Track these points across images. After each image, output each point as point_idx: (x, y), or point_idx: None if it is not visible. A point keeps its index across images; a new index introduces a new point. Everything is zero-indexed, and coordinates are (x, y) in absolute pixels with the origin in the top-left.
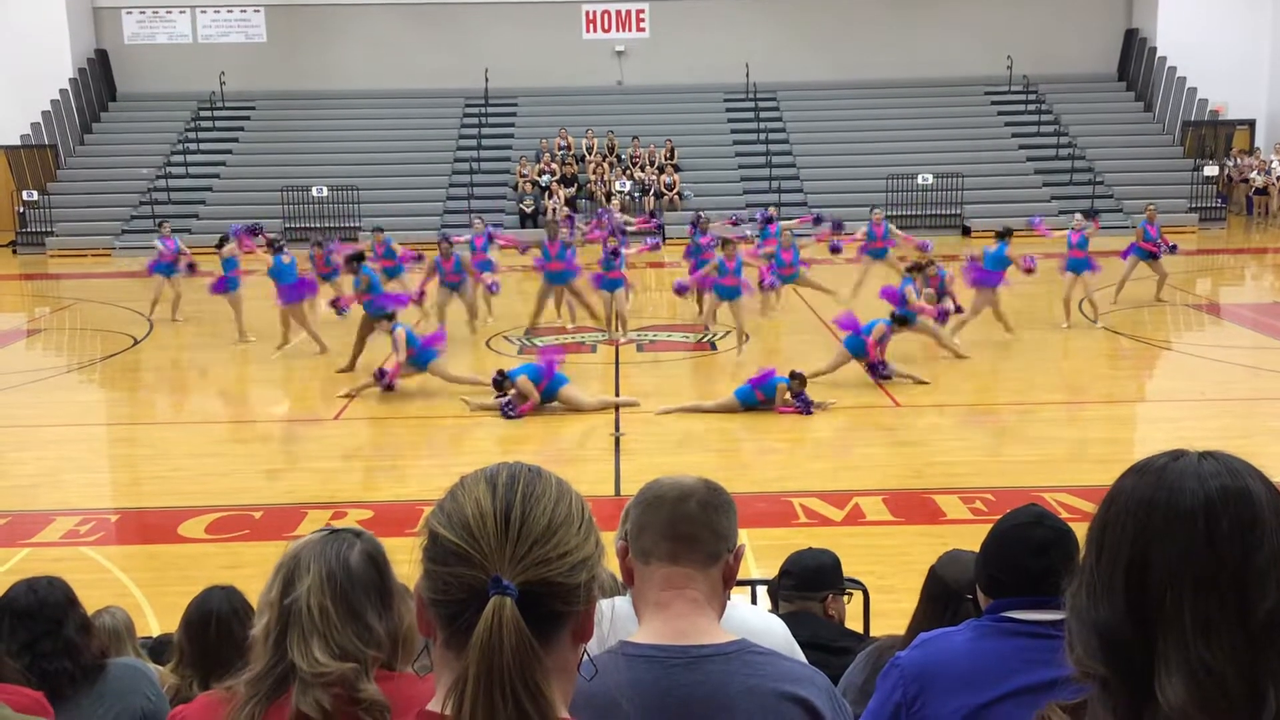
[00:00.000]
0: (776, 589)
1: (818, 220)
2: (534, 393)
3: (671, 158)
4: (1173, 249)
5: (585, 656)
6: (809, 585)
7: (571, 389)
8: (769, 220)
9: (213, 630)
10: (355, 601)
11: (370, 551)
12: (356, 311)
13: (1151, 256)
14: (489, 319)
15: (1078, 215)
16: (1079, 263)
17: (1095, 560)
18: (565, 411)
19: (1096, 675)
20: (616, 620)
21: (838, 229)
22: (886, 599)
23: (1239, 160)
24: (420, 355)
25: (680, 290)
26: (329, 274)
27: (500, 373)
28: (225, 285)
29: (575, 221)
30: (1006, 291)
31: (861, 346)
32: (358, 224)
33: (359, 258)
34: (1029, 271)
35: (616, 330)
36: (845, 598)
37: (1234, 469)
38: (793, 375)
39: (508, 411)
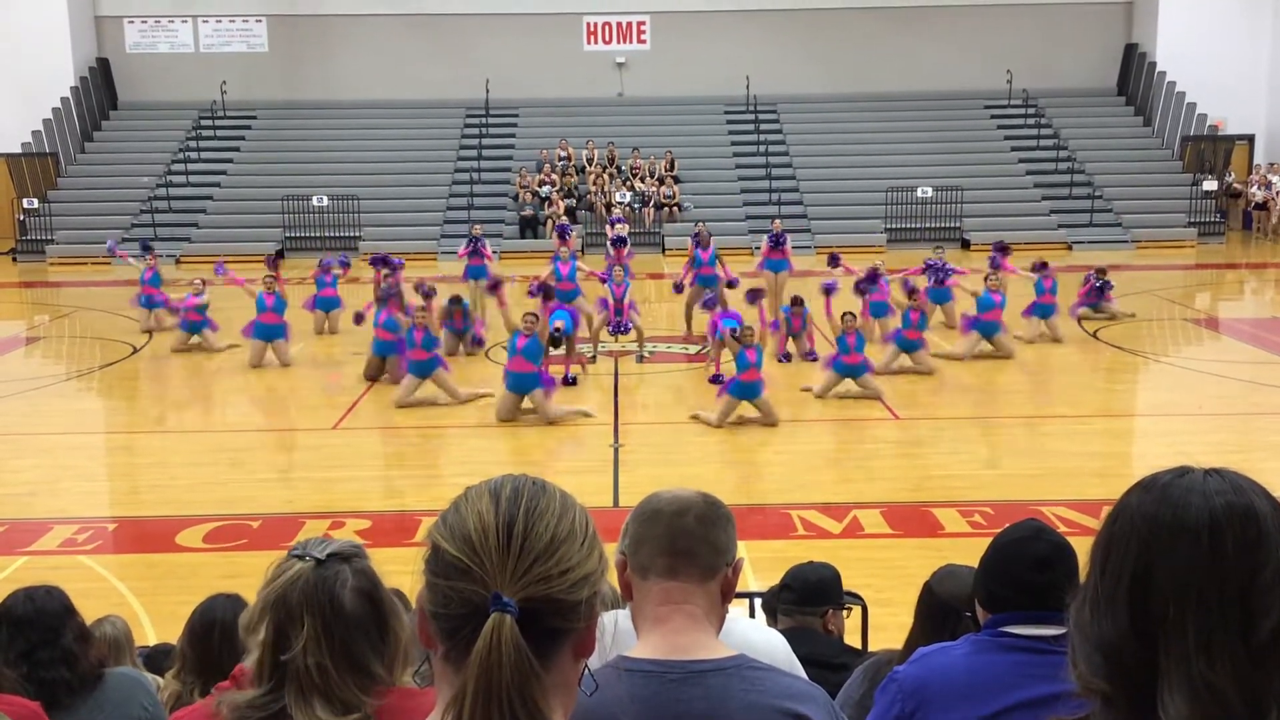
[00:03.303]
0: (775, 603)
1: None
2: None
3: (671, 169)
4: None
5: (586, 672)
6: (810, 600)
7: (543, 397)
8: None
9: (216, 638)
10: (354, 650)
11: (361, 585)
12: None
13: (1094, 305)
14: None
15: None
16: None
17: (1099, 575)
18: (562, 423)
19: (1098, 691)
20: (619, 635)
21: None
22: (885, 613)
23: (1233, 177)
24: (424, 364)
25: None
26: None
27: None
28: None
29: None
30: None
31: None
32: (358, 234)
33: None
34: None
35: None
36: (844, 613)
37: (1239, 486)
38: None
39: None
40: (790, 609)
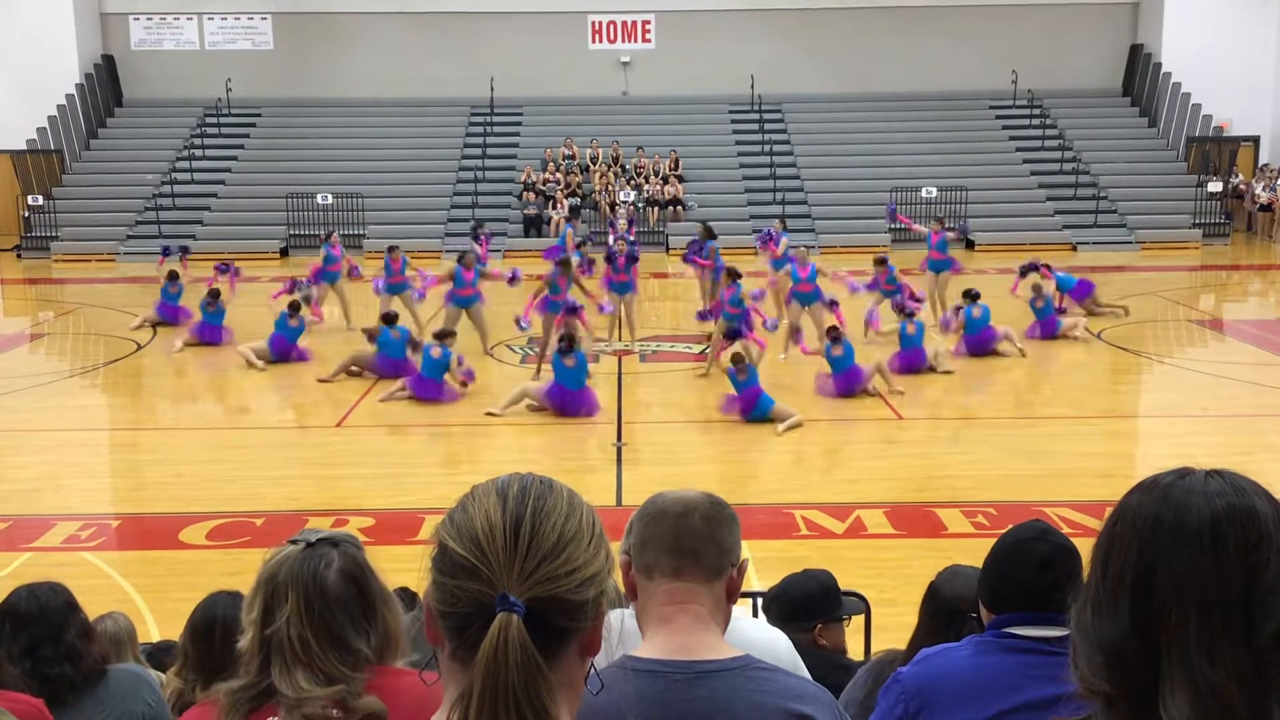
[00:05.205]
0: (767, 614)
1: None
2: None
3: (676, 169)
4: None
5: (592, 670)
6: (795, 616)
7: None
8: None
9: (217, 634)
10: (335, 626)
11: (347, 567)
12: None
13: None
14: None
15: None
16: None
17: (1100, 577)
18: (565, 421)
19: (1100, 692)
20: (625, 634)
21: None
22: (888, 612)
23: (1239, 178)
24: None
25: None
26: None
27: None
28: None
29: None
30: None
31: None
32: (362, 232)
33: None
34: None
35: (622, 339)
36: (845, 621)
37: (1240, 487)
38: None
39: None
40: (777, 624)
